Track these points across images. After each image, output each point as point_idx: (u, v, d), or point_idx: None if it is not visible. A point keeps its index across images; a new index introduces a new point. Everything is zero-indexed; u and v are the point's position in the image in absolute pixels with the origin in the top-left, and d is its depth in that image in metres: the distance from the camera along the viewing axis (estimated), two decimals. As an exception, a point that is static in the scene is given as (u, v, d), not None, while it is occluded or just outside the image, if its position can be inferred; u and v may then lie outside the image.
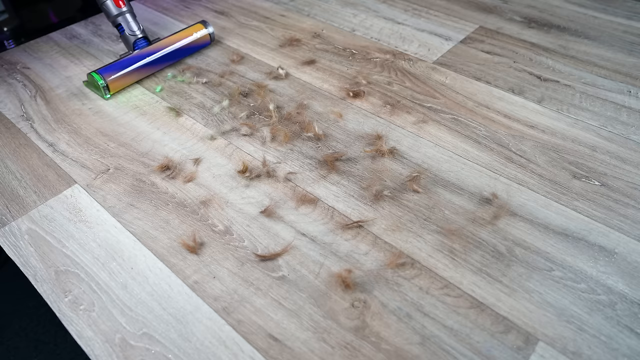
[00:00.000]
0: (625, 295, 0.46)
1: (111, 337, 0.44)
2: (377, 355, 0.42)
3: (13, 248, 0.53)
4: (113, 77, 0.71)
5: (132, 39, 0.75)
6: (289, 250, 0.51)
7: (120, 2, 0.75)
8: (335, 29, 0.88)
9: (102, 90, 0.70)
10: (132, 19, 0.75)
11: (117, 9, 0.74)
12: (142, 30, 0.76)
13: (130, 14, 0.76)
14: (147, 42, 0.76)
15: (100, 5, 0.74)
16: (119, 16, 0.75)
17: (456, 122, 0.66)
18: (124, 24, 0.75)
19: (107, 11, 0.75)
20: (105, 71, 0.71)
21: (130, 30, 0.75)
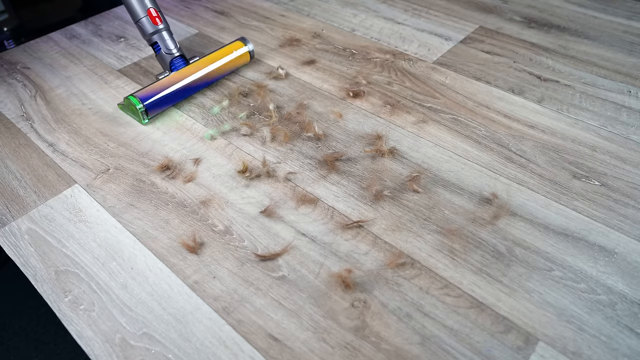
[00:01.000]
0: (625, 295, 0.46)
1: (111, 337, 0.44)
2: (377, 355, 0.42)
3: (13, 248, 0.53)
4: (152, 100, 0.66)
5: (169, 58, 0.70)
6: (289, 250, 0.51)
7: (157, 18, 0.69)
8: (335, 29, 0.88)
9: (140, 116, 0.66)
10: (169, 37, 0.70)
11: (154, 27, 0.69)
12: (179, 48, 0.71)
13: (167, 31, 0.70)
14: (184, 61, 0.71)
15: (136, 22, 0.69)
16: (155, 34, 0.69)
17: (456, 122, 0.66)
18: (160, 42, 0.69)
19: (143, 29, 0.69)
20: (143, 95, 0.66)
21: (167, 49, 0.69)
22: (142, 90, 0.66)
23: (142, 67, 0.80)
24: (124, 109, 0.69)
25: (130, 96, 0.65)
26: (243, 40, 0.75)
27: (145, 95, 0.66)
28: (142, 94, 0.66)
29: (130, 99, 0.65)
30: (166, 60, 0.70)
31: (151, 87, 0.67)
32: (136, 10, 0.69)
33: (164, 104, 0.68)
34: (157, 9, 0.69)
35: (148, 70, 0.79)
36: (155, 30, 0.69)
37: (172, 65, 0.70)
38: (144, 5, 0.69)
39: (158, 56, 0.71)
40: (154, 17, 0.69)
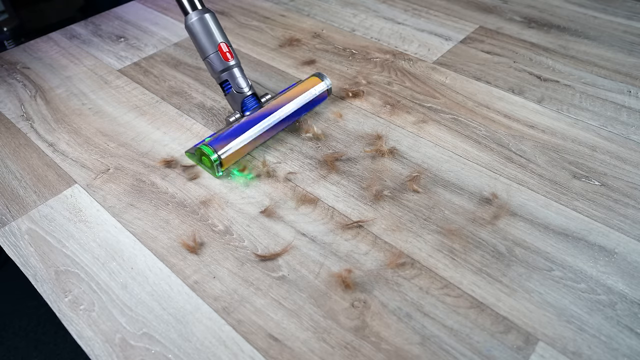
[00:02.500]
0: (625, 295, 0.46)
1: (111, 337, 0.44)
2: (377, 355, 0.42)
3: (13, 248, 0.53)
4: (227, 150, 0.57)
5: (240, 97, 0.62)
6: (289, 250, 0.51)
7: (228, 54, 0.61)
8: (335, 29, 0.88)
9: (215, 168, 0.57)
10: (240, 74, 0.62)
11: (225, 63, 0.61)
12: (251, 86, 0.63)
13: (239, 67, 0.62)
14: (256, 100, 0.63)
15: (204, 59, 0.62)
16: (225, 71, 0.62)
17: (456, 122, 0.66)
18: (231, 80, 0.62)
19: (212, 66, 0.62)
20: (217, 144, 0.57)
21: (239, 88, 0.62)
22: (214, 139, 0.58)
23: (142, 67, 0.80)
24: (192, 157, 0.61)
25: (202, 146, 0.57)
26: (320, 76, 0.67)
27: (220, 145, 0.57)
28: (215, 143, 0.57)
29: (203, 149, 0.57)
30: (237, 100, 0.62)
31: (223, 134, 0.59)
32: (205, 46, 0.61)
33: (240, 152, 0.59)
34: (228, 43, 0.62)
35: (148, 70, 0.79)
36: (225, 67, 0.61)
37: (244, 106, 0.62)
38: (214, 39, 0.61)
39: (228, 96, 0.63)
40: (225, 52, 0.61)
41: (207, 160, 0.58)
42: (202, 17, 0.61)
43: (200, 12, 0.61)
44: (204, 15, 0.61)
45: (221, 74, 0.62)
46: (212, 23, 0.61)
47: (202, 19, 0.61)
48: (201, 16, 0.61)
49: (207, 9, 0.62)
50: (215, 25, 0.62)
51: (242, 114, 0.62)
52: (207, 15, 0.61)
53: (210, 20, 0.61)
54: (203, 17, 0.61)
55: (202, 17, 0.61)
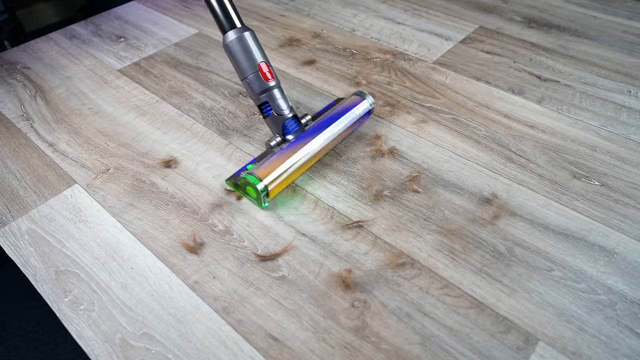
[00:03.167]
0: (625, 295, 0.46)
1: (111, 337, 0.44)
2: (377, 355, 0.42)
3: (13, 248, 0.53)
4: (274, 179, 0.53)
5: (281, 120, 0.58)
6: (289, 250, 0.51)
7: (269, 74, 0.58)
8: (335, 29, 0.88)
9: (262, 199, 0.53)
10: (280, 95, 0.58)
11: (265, 84, 0.57)
12: (291, 107, 0.59)
13: (279, 88, 0.59)
14: (297, 122, 0.59)
15: (243, 79, 0.58)
16: (265, 92, 0.58)
17: (456, 122, 0.66)
18: (271, 101, 0.58)
19: (252, 87, 0.58)
20: (262, 172, 0.53)
21: (279, 110, 0.58)
22: (259, 167, 0.54)
23: (142, 67, 0.80)
24: (234, 186, 0.57)
25: (247, 175, 0.53)
26: (361, 94, 0.63)
27: (265, 173, 0.53)
28: (261, 172, 0.53)
29: (249, 179, 0.52)
30: (278, 123, 0.58)
31: (269, 162, 0.54)
32: (244, 66, 0.57)
33: (287, 180, 0.55)
34: (268, 63, 0.58)
35: (148, 70, 0.79)
36: (265, 88, 0.58)
37: (285, 129, 0.58)
38: (254, 59, 0.57)
39: (267, 118, 0.59)
40: (265, 72, 0.57)
41: (253, 191, 0.53)
42: (241, 35, 0.57)
43: (239, 30, 0.57)
44: (242, 33, 0.57)
45: (260, 95, 0.58)
46: (251, 42, 0.58)
47: (241, 38, 0.57)
48: (240, 35, 0.57)
49: (245, 26, 0.58)
50: (255, 44, 0.58)
51: (283, 137, 0.58)
52: (246, 34, 0.57)
53: (249, 38, 0.58)
54: (242, 36, 0.57)
55: (241, 36, 0.57)
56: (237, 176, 0.57)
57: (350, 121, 0.61)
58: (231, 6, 0.58)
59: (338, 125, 0.59)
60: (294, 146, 0.56)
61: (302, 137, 0.57)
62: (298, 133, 0.58)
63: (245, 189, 0.55)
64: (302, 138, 0.57)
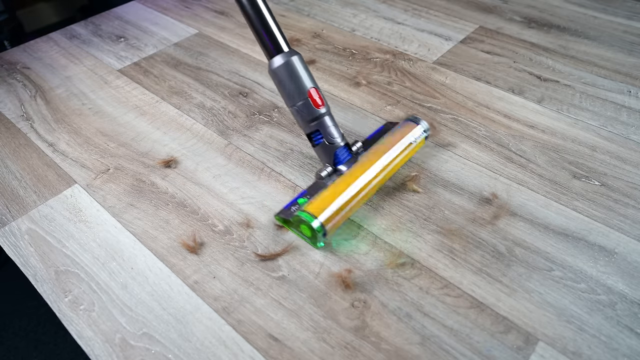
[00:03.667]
0: (625, 295, 0.46)
1: (111, 337, 0.44)
2: (377, 355, 0.42)
3: (13, 248, 0.53)
4: (330, 215, 0.48)
5: (333, 149, 0.54)
6: (289, 250, 0.51)
7: (319, 100, 0.53)
8: (335, 29, 0.88)
9: (317, 238, 0.49)
10: (331, 122, 0.54)
11: (315, 111, 0.53)
12: (342, 134, 0.55)
13: (329, 115, 0.55)
14: (349, 151, 0.55)
15: (291, 107, 0.54)
16: (315, 120, 0.54)
17: (456, 122, 0.66)
18: (322, 129, 0.54)
19: (301, 114, 0.54)
20: (319, 210, 0.48)
21: (331, 138, 0.54)
22: (314, 203, 0.49)
23: (142, 67, 0.80)
24: (285, 223, 0.53)
25: (301, 212, 0.49)
26: (415, 120, 0.58)
27: (321, 210, 0.48)
28: (315, 208, 0.49)
29: (302, 216, 0.48)
30: (329, 152, 0.54)
31: (323, 197, 0.50)
32: (293, 93, 0.53)
33: (344, 216, 0.50)
34: (318, 88, 0.54)
35: (148, 70, 0.79)
36: (316, 116, 0.53)
37: (337, 159, 0.54)
38: (304, 85, 0.53)
39: (318, 147, 0.55)
40: (316, 99, 0.53)
41: (307, 229, 0.49)
42: (288, 60, 0.53)
43: (286, 54, 0.54)
44: (290, 58, 0.53)
45: (311, 123, 0.54)
46: (300, 66, 0.54)
47: (289, 63, 0.53)
48: (288, 59, 0.53)
49: (293, 50, 0.54)
50: (304, 69, 0.54)
51: (334, 167, 0.55)
52: (294, 58, 0.53)
53: (298, 63, 0.54)
54: (290, 61, 0.53)
55: (288, 61, 0.53)
56: (288, 211, 0.52)
57: (406, 149, 0.56)
58: (277, 29, 0.54)
59: (393, 154, 0.55)
60: (348, 177, 0.51)
61: (356, 168, 0.52)
62: (350, 163, 0.54)
63: (298, 226, 0.50)
64: (356, 168, 0.52)
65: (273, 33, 0.54)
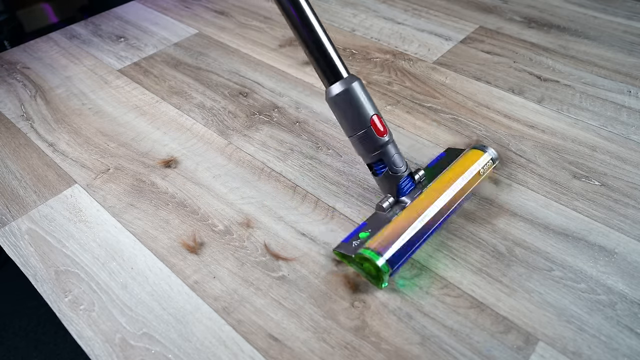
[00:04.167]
0: (625, 295, 0.46)
1: (111, 337, 0.44)
2: (377, 355, 0.42)
3: (13, 248, 0.53)
4: (399, 257, 0.46)
5: (396, 179, 0.51)
6: (289, 251, 0.51)
7: (382, 127, 0.49)
8: (335, 29, 0.88)
9: (382, 278, 0.46)
10: (395, 151, 0.50)
11: (379, 140, 0.49)
12: (406, 163, 0.52)
13: (393, 143, 0.51)
14: (412, 181, 0.52)
15: (351, 137, 0.50)
16: (379, 149, 0.50)
17: (456, 122, 0.66)
18: (385, 159, 0.50)
19: (363, 144, 0.50)
20: (385, 248, 0.45)
21: (395, 168, 0.50)
22: (376, 238, 0.47)
23: (142, 67, 0.80)
24: (344, 258, 0.49)
25: (365, 250, 0.45)
26: (482, 149, 0.55)
27: (390, 251, 0.45)
28: (383, 246, 0.45)
29: (371, 257, 0.45)
30: (392, 182, 0.51)
31: (388, 234, 0.47)
32: (355, 122, 0.49)
33: (408, 254, 0.47)
34: (380, 115, 0.50)
35: (148, 70, 0.79)
36: (380, 145, 0.49)
37: (399, 191, 0.51)
38: (366, 113, 0.49)
39: (380, 177, 0.51)
40: (378, 127, 0.49)
41: (372, 268, 0.46)
42: (349, 87, 0.49)
43: (346, 81, 0.49)
44: (351, 85, 0.49)
45: (374, 153, 0.50)
46: (361, 93, 0.49)
47: (350, 90, 0.49)
48: (348, 87, 0.49)
49: (352, 75, 0.50)
50: (365, 95, 0.49)
51: (396, 198, 0.51)
52: (355, 85, 0.49)
53: (359, 90, 0.49)
54: (350, 88, 0.49)
55: (349, 88, 0.49)
56: (349, 246, 0.48)
57: (473, 180, 0.53)
58: (336, 54, 0.49)
59: (460, 185, 0.51)
60: (413, 211, 0.49)
61: (421, 200, 0.50)
62: (414, 194, 0.51)
63: (361, 264, 0.47)
64: (420, 201, 0.50)
65: (332, 59, 0.49)
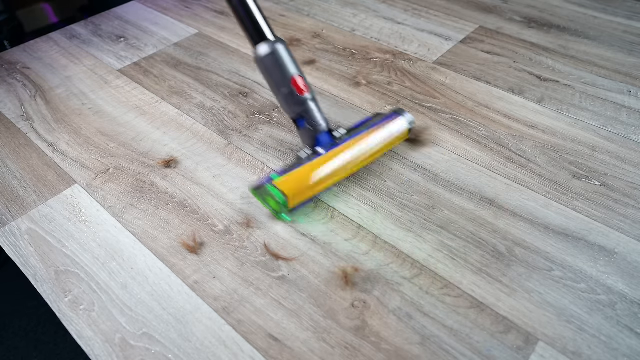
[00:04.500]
0: (625, 295, 0.46)
1: (111, 337, 0.44)
2: (377, 355, 0.42)
3: (13, 248, 0.53)
4: (296, 191, 0.51)
5: (315, 133, 0.56)
6: (289, 251, 0.51)
7: (303, 87, 0.56)
8: (335, 29, 0.88)
9: (282, 211, 0.52)
10: (315, 107, 0.56)
11: (300, 97, 0.55)
12: (326, 119, 0.58)
13: (314, 101, 0.57)
14: (330, 136, 0.57)
15: (277, 93, 0.57)
16: (300, 105, 0.56)
17: (456, 122, 0.66)
18: (306, 115, 0.56)
19: (287, 100, 0.56)
20: (286, 185, 0.51)
21: (313, 123, 0.56)
22: (284, 179, 0.52)
23: (142, 67, 0.80)
24: (257, 196, 0.55)
25: (270, 186, 0.51)
26: (401, 113, 0.60)
27: (288, 185, 0.51)
28: (283, 183, 0.51)
29: (270, 190, 0.51)
30: (311, 136, 0.57)
31: (292, 173, 0.52)
32: (278, 80, 0.56)
33: (312, 191, 0.53)
34: (303, 76, 0.56)
35: (148, 70, 0.79)
36: (301, 102, 0.56)
37: (317, 142, 0.57)
38: (288, 72, 0.55)
39: (301, 130, 0.57)
40: (300, 86, 0.55)
41: (275, 203, 0.52)
42: (274, 49, 0.55)
43: (271, 42, 0.55)
44: (275, 46, 0.55)
45: (295, 108, 0.56)
46: (285, 54, 0.55)
47: (274, 52, 0.55)
48: (273, 48, 0.55)
49: (278, 38, 0.56)
50: (289, 57, 0.56)
51: (313, 150, 0.56)
52: (279, 46, 0.55)
53: (282, 51, 0.55)
54: (275, 49, 0.55)
55: (274, 50, 0.55)
56: (261, 186, 0.54)
57: (386, 138, 0.58)
58: (262, 17, 0.55)
59: (372, 142, 0.56)
60: (321, 159, 0.54)
61: (333, 151, 0.55)
62: (329, 146, 0.56)
63: (266, 199, 0.53)
64: (332, 151, 0.54)
65: (257, 22, 0.55)
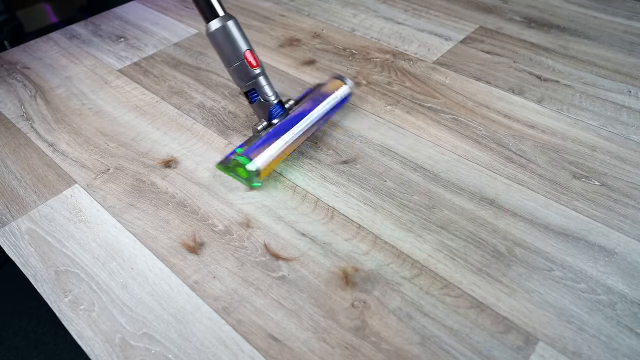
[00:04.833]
0: (625, 295, 0.46)
1: (111, 337, 0.44)
2: (377, 355, 0.42)
3: (13, 248, 0.53)
4: (264, 158, 0.56)
5: (267, 106, 0.61)
6: (289, 251, 0.51)
7: (254, 61, 0.59)
8: (335, 29, 0.88)
9: (252, 179, 0.56)
10: (266, 82, 0.60)
11: (251, 72, 0.59)
12: (276, 92, 0.62)
13: (264, 75, 0.60)
14: (282, 107, 0.62)
15: (229, 68, 0.60)
16: (251, 80, 0.59)
17: (456, 122, 0.66)
18: (257, 88, 0.60)
19: (238, 74, 0.59)
20: (252, 153, 0.56)
21: (265, 96, 0.60)
22: (248, 149, 0.57)
23: (142, 67, 0.80)
24: (226, 170, 0.59)
25: (237, 157, 0.56)
26: (341, 79, 0.66)
27: (255, 154, 0.56)
28: (250, 152, 0.56)
29: (239, 160, 0.55)
30: (264, 108, 0.61)
31: (257, 144, 0.57)
32: (230, 55, 0.59)
33: (275, 160, 0.58)
34: (253, 50, 0.59)
35: (148, 70, 0.79)
36: (252, 76, 0.59)
37: (271, 114, 0.61)
38: (239, 48, 0.58)
39: (254, 104, 0.61)
40: (251, 60, 0.59)
41: (243, 171, 0.56)
42: (225, 24, 0.58)
43: (222, 19, 0.58)
44: (226, 22, 0.58)
45: (247, 82, 0.60)
46: (235, 30, 0.58)
47: (225, 27, 0.58)
48: (224, 24, 0.58)
49: (229, 15, 0.59)
50: (239, 32, 0.59)
51: (269, 122, 0.61)
52: (230, 22, 0.58)
53: (233, 27, 0.58)
54: (226, 25, 0.58)
55: (225, 25, 0.58)
56: (227, 159, 0.59)
57: (332, 104, 0.64)
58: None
59: (321, 109, 0.62)
60: (281, 128, 0.59)
61: (287, 121, 0.60)
62: (283, 117, 0.61)
63: (236, 170, 0.57)
64: (287, 122, 0.60)
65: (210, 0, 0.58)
